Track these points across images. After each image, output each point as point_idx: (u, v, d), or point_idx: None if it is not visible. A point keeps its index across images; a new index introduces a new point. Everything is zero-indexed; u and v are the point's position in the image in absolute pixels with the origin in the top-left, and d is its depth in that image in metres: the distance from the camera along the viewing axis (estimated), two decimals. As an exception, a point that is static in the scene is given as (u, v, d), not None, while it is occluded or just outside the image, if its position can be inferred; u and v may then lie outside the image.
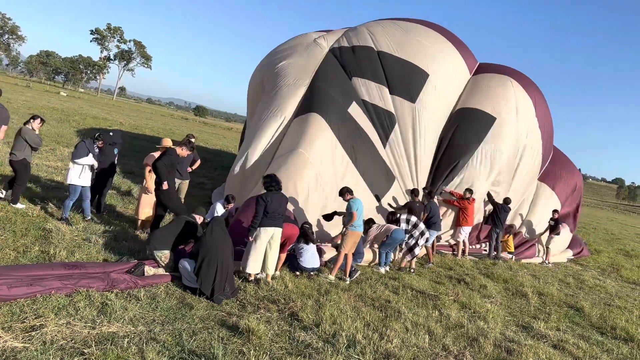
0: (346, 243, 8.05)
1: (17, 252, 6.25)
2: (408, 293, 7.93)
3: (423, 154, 11.62)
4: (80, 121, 27.20)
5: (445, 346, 5.92)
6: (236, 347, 4.89)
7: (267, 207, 6.99)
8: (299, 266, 7.89)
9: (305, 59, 12.24)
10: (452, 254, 11.77)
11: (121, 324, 4.89)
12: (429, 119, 11.73)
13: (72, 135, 20.04)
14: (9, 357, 3.89)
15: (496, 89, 12.65)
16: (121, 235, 7.96)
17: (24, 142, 8.28)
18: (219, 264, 6.20)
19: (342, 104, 10.97)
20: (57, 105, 36.88)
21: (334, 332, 5.66)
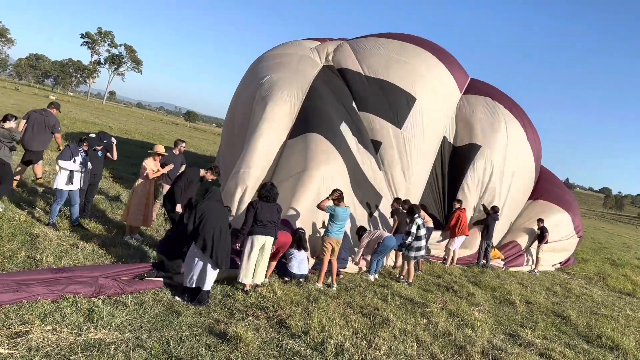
0: (325, 249, 8.05)
1: (3, 257, 6.19)
2: (396, 301, 7.95)
3: (410, 180, 11.68)
4: (69, 125, 26.96)
5: (433, 354, 5.94)
6: (224, 354, 4.87)
7: (257, 214, 6.99)
8: (288, 272, 7.89)
9: (297, 74, 11.90)
10: (442, 262, 11.82)
11: (108, 330, 4.85)
12: (415, 145, 11.77)
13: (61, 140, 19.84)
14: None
15: (486, 119, 12.97)
16: (109, 241, 7.91)
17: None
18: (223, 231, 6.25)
19: (337, 124, 10.92)
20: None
21: (322, 340, 5.65)
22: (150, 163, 8.47)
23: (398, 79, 12.06)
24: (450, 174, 12.53)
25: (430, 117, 12.09)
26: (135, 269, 6.45)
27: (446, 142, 12.68)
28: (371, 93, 11.92)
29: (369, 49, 12.92)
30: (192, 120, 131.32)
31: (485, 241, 12.14)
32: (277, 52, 13.39)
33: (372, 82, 12.09)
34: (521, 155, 13.25)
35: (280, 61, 12.60)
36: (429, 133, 12.07)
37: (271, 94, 11.08)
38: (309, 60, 12.58)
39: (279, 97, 10.98)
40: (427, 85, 12.26)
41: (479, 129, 12.73)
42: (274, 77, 11.77)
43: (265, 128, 10.41)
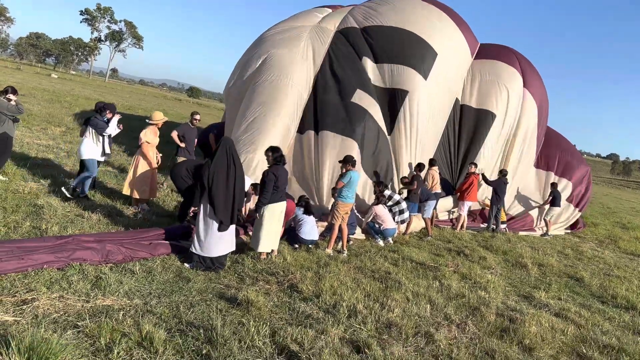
0: (337, 214, 7.90)
1: (7, 227, 6.09)
2: (408, 265, 7.83)
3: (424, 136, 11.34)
4: (72, 102, 26.74)
5: (447, 315, 5.84)
6: (235, 318, 4.78)
7: (277, 182, 6.81)
8: (298, 238, 7.77)
9: (305, 57, 11.24)
10: (452, 227, 11.69)
11: (116, 297, 4.76)
12: (434, 101, 11.40)
13: (64, 116, 19.68)
14: (0, 330, 3.75)
15: (496, 85, 12.66)
16: (115, 211, 7.80)
17: (2, 115, 8.05)
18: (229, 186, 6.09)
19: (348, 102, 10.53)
20: (49, 87, 36.31)
21: (335, 303, 5.56)
22: (149, 135, 8.28)
23: (420, 32, 11.61)
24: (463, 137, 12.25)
25: (448, 75, 11.76)
26: (143, 235, 6.34)
27: (458, 104, 12.37)
28: (396, 42, 11.39)
29: (386, 6, 12.41)
30: (195, 96, 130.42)
31: (495, 205, 11.97)
32: (284, 27, 12.60)
33: (396, 32, 11.57)
34: (532, 122, 13.04)
35: (288, 36, 11.78)
36: (446, 91, 11.80)
37: (276, 79, 10.65)
38: (317, 36, 11.79)
39: (284, 83, 10.55)
40: (445, 42, 11.85)
41: (491, 95, 12.45)
42: (278, 58, 11.13)
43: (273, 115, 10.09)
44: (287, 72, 10.65)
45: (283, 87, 10.44)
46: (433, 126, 11.42)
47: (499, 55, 13.45)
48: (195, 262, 6.05)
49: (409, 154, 10.85)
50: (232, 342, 4.22)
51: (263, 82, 10.65)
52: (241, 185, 6.36)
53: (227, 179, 6.10)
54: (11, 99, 8.20)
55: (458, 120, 12.25)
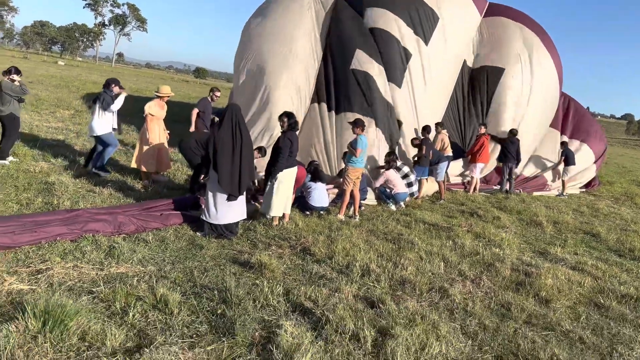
0: (348, 180, 7.83)
1: (20, 204, 6.14)
2: (420, 227, 7.79)
3: (427, 100, 11.11)
4: (80, 86, 26.77)
5: (461, 271, 5.82)
6: (249, 280, 4.80)
7: (291, 147, 6.76)
8: (308, 205, 7.75)
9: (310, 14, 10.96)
10: (465, 190, 11.58)
11: (130, 265, 4.79)
12: (439, 65, 11.14)
13: (72, 99, 19.71)
14: (15, 298, 3.80)
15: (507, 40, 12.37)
16: (126, 186, 7.84)
17: (7, 96, 8.06)
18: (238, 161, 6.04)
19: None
20: (56, 73, 36.34)
21: (348, 264, 5.56)
22: (154, 107, 8.20)
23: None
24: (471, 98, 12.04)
25: (452, 38, 11.47)
26: (154, 206, 6.37)
27: (466, 66, 12.12)
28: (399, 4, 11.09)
29: None
30: (202, 76, 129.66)
31: (507, 166, 11.81)
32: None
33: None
34: (546, 79, 12.73)
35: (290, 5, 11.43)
36: (451, 54, 11.54)
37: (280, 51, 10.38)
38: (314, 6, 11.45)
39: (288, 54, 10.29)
40: (448, 5, 11.54)
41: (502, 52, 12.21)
42: (281, 28, 10.79)
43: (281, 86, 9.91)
44: (291, 42, 10.41)
45: (287, 57, 10.24)
46: (440, 90, 11.21)
47: (508, 13, 13.13)
48: (207, 231, 6.06)
49: (413, 117, 10.68)
50: (247, 302, 4.24)
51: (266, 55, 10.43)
52: (249, 154, 6.30)
53: (233, 148, 6.03)
54: (15, 80, 8.19)
55: (468, 82, 12.01)
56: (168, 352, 3.31)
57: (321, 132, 9.70)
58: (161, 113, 8.24)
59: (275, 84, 9.84)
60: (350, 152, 7.80)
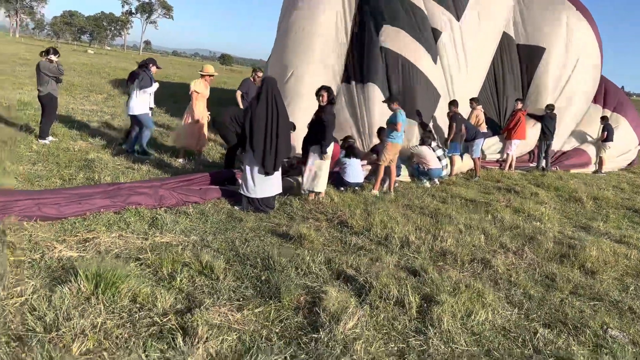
0: (385, 155, 7.73)
1: (62, 180, 6.29)
2: (457, 202, 7.69)
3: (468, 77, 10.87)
4: (110, 73, 27.24)
5: (503, 244, 5.72)
6: (289, 250, 4.81)
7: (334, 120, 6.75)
8: (343, 181, 7.71)
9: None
10: (500, 168, 11.34)
11: (173, 234, 4.86)
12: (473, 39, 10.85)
13: (105, 84, 20.07)
14: (66, 264, 3.89)
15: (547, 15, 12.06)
16: (164, 163, 7.95)
17: (45, 76, 8.23)
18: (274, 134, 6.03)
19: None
20: (86, 61, 37.02)
21: (386, 235, 5.52)
22: (199, 85, 8.32)
23: None
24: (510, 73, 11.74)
25: (489, 11, 11.15)
26: (192, 179, 6.44)
27: (506, 38, 11.77)
28: None
29: None
30: (228, 63, 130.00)
31: (544, 142, 11.52)
32: None
33: None
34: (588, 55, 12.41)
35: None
36: (487, 28, 11.21)
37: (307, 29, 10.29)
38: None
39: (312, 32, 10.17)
40: None
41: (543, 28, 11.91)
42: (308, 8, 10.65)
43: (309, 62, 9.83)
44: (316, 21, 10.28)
45: (311, 36, 10.12)
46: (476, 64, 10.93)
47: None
48: (245, 204, 6.10)
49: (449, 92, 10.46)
50: (289, 269, 4.26)
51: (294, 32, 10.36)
52: (285, 128, 6.29)
53: (270, 123, 6.02)
54: (52, 60, 8.36)
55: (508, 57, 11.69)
56: (218, 313, 3.35)
57: (356, 108, 9.63)
58: (206, 92, 8.38)
59: (301, 60, 9.78)
60: (391, 127, 7.70)
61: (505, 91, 11.75)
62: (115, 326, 3.09)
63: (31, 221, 4.62)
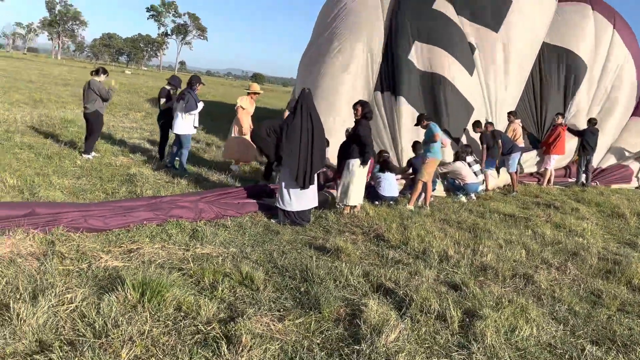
0: (426, 171, 7.68)
1: (106, 193, 6.50)
2: (495, 217, 7.56)
3: (504, 87, 10.73)
4: (148, 92, 28.04)
5: (545, 259, 5.58)
6: (327, 263, 4.82)
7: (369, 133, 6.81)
8: (378, 195, 7.70)
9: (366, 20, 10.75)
10: (538, 183, 11.11)
11: (213, 246, 4.95)
12: (512, 50, 10.71)
13: (142, 103, 20.72)
14: (112, 273, 4.01)
15: (579, 25, 11.88)
16: (201, 177, 8.12)
17: (94, 94, 8.56)
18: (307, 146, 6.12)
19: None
20: (125, 81, 38.25)
21: (424, 249, 5.47)
22: (245, 101, 8.77)
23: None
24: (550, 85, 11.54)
25: (528, 21, 10.99)
26: (231, 192, 6.56)
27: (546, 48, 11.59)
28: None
29: None
30: (259, 82, 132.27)
31: (584, 157, 11.24)
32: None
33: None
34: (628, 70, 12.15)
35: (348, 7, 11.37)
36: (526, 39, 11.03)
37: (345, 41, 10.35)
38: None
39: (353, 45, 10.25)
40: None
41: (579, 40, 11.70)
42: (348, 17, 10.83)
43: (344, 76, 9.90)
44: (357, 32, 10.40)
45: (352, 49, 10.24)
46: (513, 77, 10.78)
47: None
48: (281, 217, 6.16)
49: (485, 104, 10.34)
50: (328, 281, 4.26)
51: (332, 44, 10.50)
52: (320, 142, 6.35)
53: (303, 136, 6.09)
54: (101, 79, 8.73)
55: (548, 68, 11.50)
56: (260, 322, 3.38)
57: (387, 121, 9.66)
58: (251, 108, 8.76)
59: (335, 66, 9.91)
60: (428, 142, 7.65)
61: (544, 104, 11.50)
62: (161, 334, 3.15)
63: (78, 232, 4.78)
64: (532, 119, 11.51)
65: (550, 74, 11.52)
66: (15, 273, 3.75)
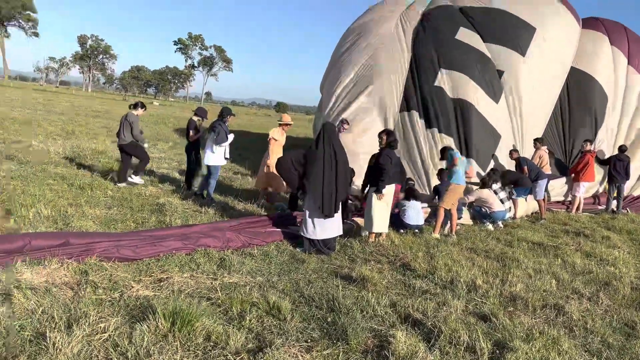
0: (448, 198, 7.64)
1: (136, 223, 6.64)
2: (524, 245, 7.45)
3: (530, 113, 10.65)
4: (175, 123, 28.75)
5: (576, 289, 5.46)
6: (353, 292, 4.82)
7: (391, 163, 6.85)
8: (403, 223, 7.68)
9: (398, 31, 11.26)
10: (567, 210, 10.92)
11: (240, 275, 5.00)
12: (539, 74, 10.64)
13: (170, 133, 21.24)
14: (143, 302, 4.08)
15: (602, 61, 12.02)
16: (228, 206, 8.24)
17: (129, 126, 8.88)
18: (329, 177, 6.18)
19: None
20: (153, 112, 39.28)
21: (451, 279, 5.42)
22: (277, 133, 8.89)
23: (514, 10, 10.98)
24: (578, 111, 11.44)
25: (554, 47, 10.95)
26: (258, 221, 6.64)
27: (574, 74, 11.55)
28: (491, 22, 10.89)
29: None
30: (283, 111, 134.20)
31: (614, 185, 11.03)
32: (373, 16, 12.39)
33: (490, 13, 11.04)
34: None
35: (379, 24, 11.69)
36: (553, 63, 10.98)
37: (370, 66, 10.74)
38: (406, 18, 11.60)
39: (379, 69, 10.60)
40: (546, 14, 11.11)
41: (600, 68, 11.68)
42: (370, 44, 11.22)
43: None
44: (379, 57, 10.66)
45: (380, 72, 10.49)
46: (539, 103, 10.70)
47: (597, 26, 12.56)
48: (306, 246, 6.20)
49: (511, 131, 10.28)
50: (355, 311, 4.26)
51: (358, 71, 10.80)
52: (344, 171, 6.41)
53: (326, 166, 6.18)
54: (139, 114, 9.37)
55: (575, 94, 11.42)
56: (288, 353, 3.40)
57: (413, 144, 9.75)
58: (282, 139, 8.91)
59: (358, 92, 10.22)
60: (450, 165, 7.66)
61: (572, 131, 11.38)
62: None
63: (110, 262, 4.90)
64: (559, 145, 11.38)
65: (578, 100, 11.43)
66: (51, 302, 3.86)
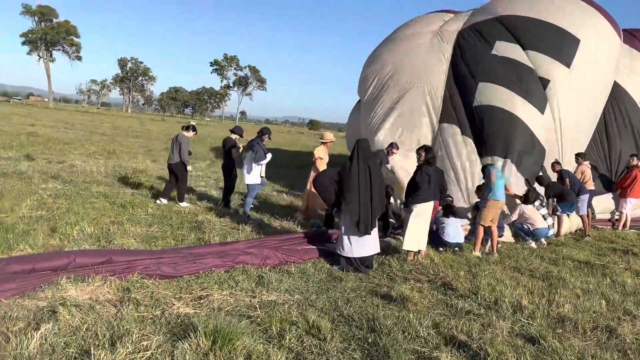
0: (485, 214, 7.43)
1: (176, 240, 6.74)
2: (569, 264, 7.17)
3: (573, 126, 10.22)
4: (212, 142, 29.28)
5: (628, 311, 5.20)
6: (393, 312, 4.72)
7: (429, 180, 6.76)
8: (442, 241, 7.52)
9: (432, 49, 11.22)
10: (613, 227, 10.48)
11: (278, 293, 4.98)
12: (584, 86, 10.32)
13: (207, 152, 21.64)
14: (184, 320, 4.10)
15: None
16: (264, 223, 8.28)
17: (179, 147, 9.09)
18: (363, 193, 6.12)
19: None
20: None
21: (495, 299, 5.24)
22: (321, 151, 9.00)
23: (557, 21, 10.66)
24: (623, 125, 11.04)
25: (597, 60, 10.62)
26: (294, 238, 6.64)
27: (618, 87, 11.18)
28: (534, 32, 10.61)
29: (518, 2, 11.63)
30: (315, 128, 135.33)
31: (664, 201, 10.54)
32: (405, 34, 12.42)
33: (533, 23, 10.76)
34: None
35: (411, 43, 11.66)
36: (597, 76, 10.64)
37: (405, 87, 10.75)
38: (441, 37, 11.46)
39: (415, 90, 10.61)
40: (588, 26, 10.78)
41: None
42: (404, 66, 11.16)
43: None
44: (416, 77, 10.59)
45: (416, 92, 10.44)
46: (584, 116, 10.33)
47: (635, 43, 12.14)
48: (343, 264, 6.13)
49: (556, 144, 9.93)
50: (396, 332, 4.15)
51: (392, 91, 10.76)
52: (379, 188, 6.33)
53: (361, 183, 6.12)
54: (190, 135, 9.65)
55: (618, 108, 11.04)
56: (329, 374, 3.33)
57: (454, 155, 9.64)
58: (326, 156, 9.03)
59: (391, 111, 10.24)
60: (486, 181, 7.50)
61: (617, 145, 10.96)
62: (232, 383, 3.17)
63: (151, 279, 4.97)
64: (604, 160, 10.98)
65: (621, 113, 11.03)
66: (94, 319, 3.92)
